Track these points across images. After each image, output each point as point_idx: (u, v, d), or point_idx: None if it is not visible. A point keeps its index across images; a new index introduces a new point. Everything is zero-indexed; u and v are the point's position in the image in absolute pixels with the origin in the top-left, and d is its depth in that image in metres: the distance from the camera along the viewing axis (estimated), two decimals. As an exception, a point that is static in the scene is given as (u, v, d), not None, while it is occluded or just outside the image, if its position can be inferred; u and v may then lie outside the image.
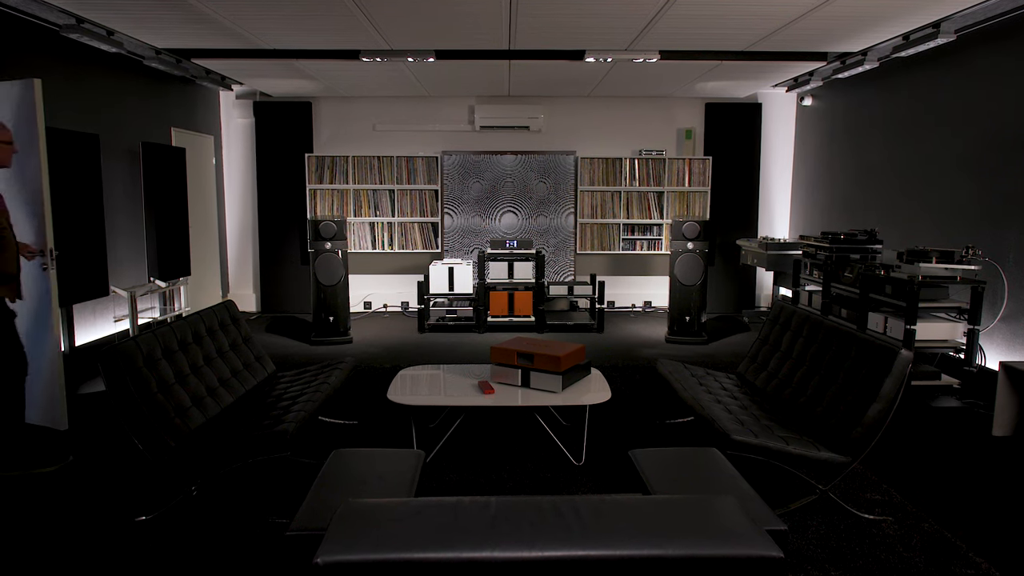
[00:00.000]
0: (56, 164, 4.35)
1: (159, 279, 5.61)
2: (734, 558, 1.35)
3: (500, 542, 1.35)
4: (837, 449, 2.88)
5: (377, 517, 1.45)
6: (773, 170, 8.01)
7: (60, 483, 3.26)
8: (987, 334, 4.66)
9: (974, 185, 4.91)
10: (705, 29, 4.92)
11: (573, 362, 3.67)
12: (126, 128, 5.83)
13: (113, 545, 2.70)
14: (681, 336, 6.35)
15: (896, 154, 5.87)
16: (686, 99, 7.92)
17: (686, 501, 1.57)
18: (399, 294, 7.96)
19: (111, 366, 2.79)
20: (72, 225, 4.49)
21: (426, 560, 1.32)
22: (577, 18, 4.65)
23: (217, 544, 2.70)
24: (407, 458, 2.63)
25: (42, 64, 4.82)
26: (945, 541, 2.76)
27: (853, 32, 4.98)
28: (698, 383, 3.77)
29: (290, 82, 6.98)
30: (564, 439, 3.77)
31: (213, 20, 4.69)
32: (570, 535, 1.38)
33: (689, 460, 2.66)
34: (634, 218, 7.86)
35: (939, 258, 4.37)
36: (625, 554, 1.34)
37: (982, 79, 4.84)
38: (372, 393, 4.68)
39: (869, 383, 2.90)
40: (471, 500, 1.50)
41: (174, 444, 2.86)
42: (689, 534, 1.40)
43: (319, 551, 1.32)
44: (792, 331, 3.78)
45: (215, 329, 3.74)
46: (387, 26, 4.84)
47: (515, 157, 7.76)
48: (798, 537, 2.77)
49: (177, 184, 5.95)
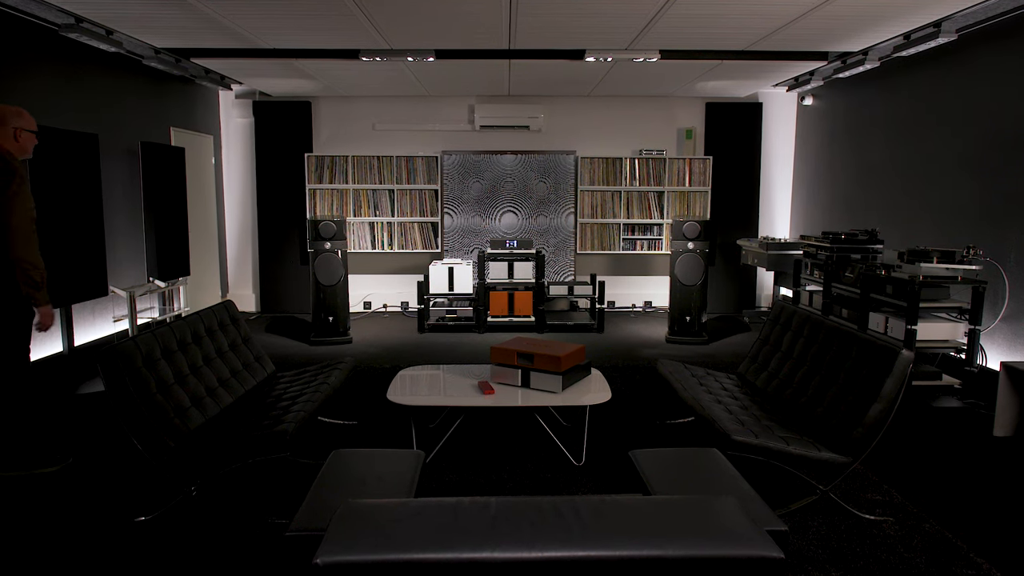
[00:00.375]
0: (55, 164, 4.36)
1: (158, 279, 5.60)
2: (734, 559, 1.34)
3: (500, 543, 1.35)
4: (838, 449, 2.87)
5: (377, 518, 1.45)
6: (774, 170, 7.99)
7: (60, 484, 3.25)
8: (988, 334, 4.65)
9: (975, 185, 4.90)
10: (705, 28, 4.91)
11: (573, 362, 3.66)
12: (125, 128, 5.81)
13: (113, 546, 2.70)
14: (681, 336, 6.34)
15: (897, 154, 5.85)
16: (686, 99, 7.91)
17: (686, 502, 1.57)
18: (399, 294, 7.95)
19: (110, 366, 2.78)
20: (71, 225, 4.48)
21: (426, 561, 1.31)
22: (577, 17, 4.64)
23: (217, 545, 2.70)
24: (407, 458, 2.63)
25: (41, 64, 4.81)
26: (946, 542, 2.75)
27: (854, 31, 4.97)
28: (698, 383, 3.76)
29: (290, 81, 6.96)
30: (564, 439, 3.76)
31: (212, 19, 4.68)
32: (570, 536, 1.37)
33: (689, 460, 2.66)
34: (634, 218, 7.84)
35: (940, 258, 4.36)
36: (625, 555, 1.34)
37: (983, 79, 4.83)
38: (372, 393, 4.67)
39: (870, 383, 2.89)
40: (471, 501, 1.50)
41: (173, 444, 2.85)
42: (689, 535, 1.40)
43: (319, 552, 1.32)
44: (793, 331, 3.77)
45: (214, 329, 3.72)
46: (387, 25, 4.83)
47: (515, 157, 7.75)
48: (799, 538, 2.77)
49: (176, 184, 5.94)
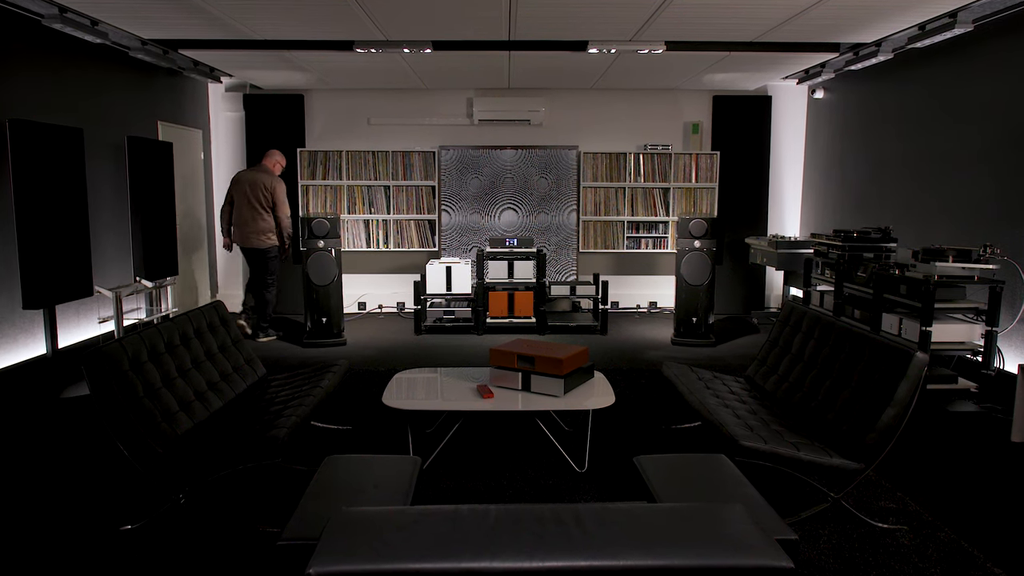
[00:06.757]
0: (38, 159, 4.32)
1: (145, 279, 5.54)
2: (742, 568, 1.33)
3: (500, 552, 1.35)
4: (850, 455, 2.85)
5: (372, 526, 1.45)
6: (783, 165, 7.91)
7: (42, 490, 3.22)
8: (1006, 336, 4.58)
9: (992, 181, 4.84)
10: (713, 19, 4.86)
11: (575, 365, 3.62)
12: (111, 122, 5.74)
13: (97, 555, 2.66)
14: (688, 338, 6.27)
15: (911, 149, 5.79)
16: (693, 92, 7.83)
17: (693, 509, 1.57)
18: (395, 294, 7.87)
19: (95, 369, 2.77)
20: (55, 222, 4.43)
21: (423, 571, 1.31)
22: (579, 7, 4.59)
23: (206, 554, 2.67)
24: (403, 465, 2.62)
25: (23, 56, 4.73)
26: (962, 551, 2.71)
27: (867, 22, 4.92)
28: (705, 387, 3.74)
29: (281, 74, 6.92)
30: (566, 445, 3.72)
31: (201, 9, 4.61)
32: (572, 544, 1.37)
33: (696, 467, 2.65)
34: (639, 215, 7.76)
35: (956, 257, 4.32)
36: (629, 564, 1.33)
37: (1001, 71, 4.76)
38: (366, 397, 4.63)
39: (883, 387, 2.86)
40: (469, 508, 1.51)
41: (161, 450, 2.84)
42: (696, 543, 1.40)
43: (311, 561, 1.32)
44: (803, 333, 3.74)
45: (203, 331, 3.72)
46: (382, 15, 4.78)
47: (515, 152, 7.64)
48: (809, 547, 2.74)
49: (164, 180, 5.88)
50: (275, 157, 6.52)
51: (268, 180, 6.28)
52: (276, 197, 6.27)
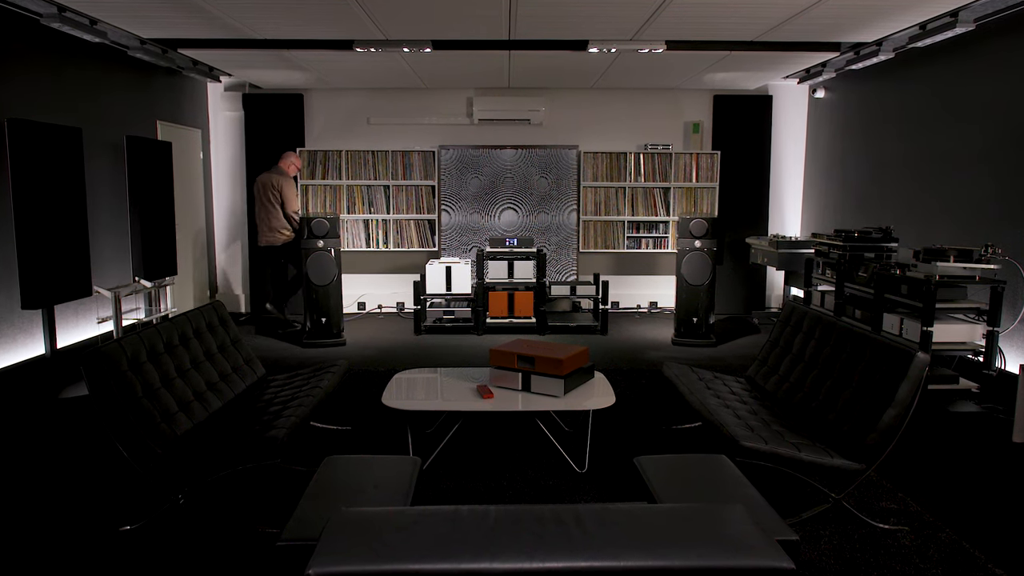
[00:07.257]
0: (37, 159, 4.31)
1: (144, 279, 5.53)
2: (743, 569, 1.33)
3: (499, 553, 1.34)
4: (851, 456, 2.84)
5: (371, 526, 1.45)
6: (784, 165, 7.89)
7: (42, 490, 3.21)
8: (1007, 336, 4.57)
9: (994, 181, 4.82)
10: (713, 18, 4.84)
11: (576, 365, 3.61)
12: (110, 121, 5.73)
13: (97, 556, 2.65)
14: (688, 338, 6.25)
15: (913, 148, 5.78)
16: (693, 91, 7.81)
17: (693, 510, 1.57)
18: (394, 294, 7.85)
19: (94, 369, 2.76)
20: (54, 222, 4.42)
21: (422, 571, 1.31)
22: (580, 6, 4.57)
23: (205, 554, 2.67)
24: (403, 465, 2.62)
25: (22, 55, 4.72)
26: (963, 552, 2.71)
27: (867, 21, 4.91)
28: (706, 387, 3.74)
29: (281, 73, 6.90)
30: (566, 445, 3.71)
31: (200, 8, 4.59)
32: (572, 545, 1.37)
33: (696, 467, 2.64)
34: (639, 215, 7.73)
35: (957, 257, 4.32)
36: (629, 565, 1.32)
37: (1003, 70, 4.74)
38: (366, 397, 4.61)
39: (884, 387, 2.86)
40: (469, 509, 1.50)
41: (160, 451, 2.83)
42: (696, 544, 1.39)
43: (311, 562, 1.31)
44: (804, 333, 3.73)
45: (203, 331, 3.71)
46: (382, 15, 4.76)
47: (515, 151, 7.62)
48: (810, 547, 2.74)
49: (163, 180, 5.87)
50: (289, 159, 6.86)
51: (278, 179, 6.62)
52: (284, 194, 6.62)
